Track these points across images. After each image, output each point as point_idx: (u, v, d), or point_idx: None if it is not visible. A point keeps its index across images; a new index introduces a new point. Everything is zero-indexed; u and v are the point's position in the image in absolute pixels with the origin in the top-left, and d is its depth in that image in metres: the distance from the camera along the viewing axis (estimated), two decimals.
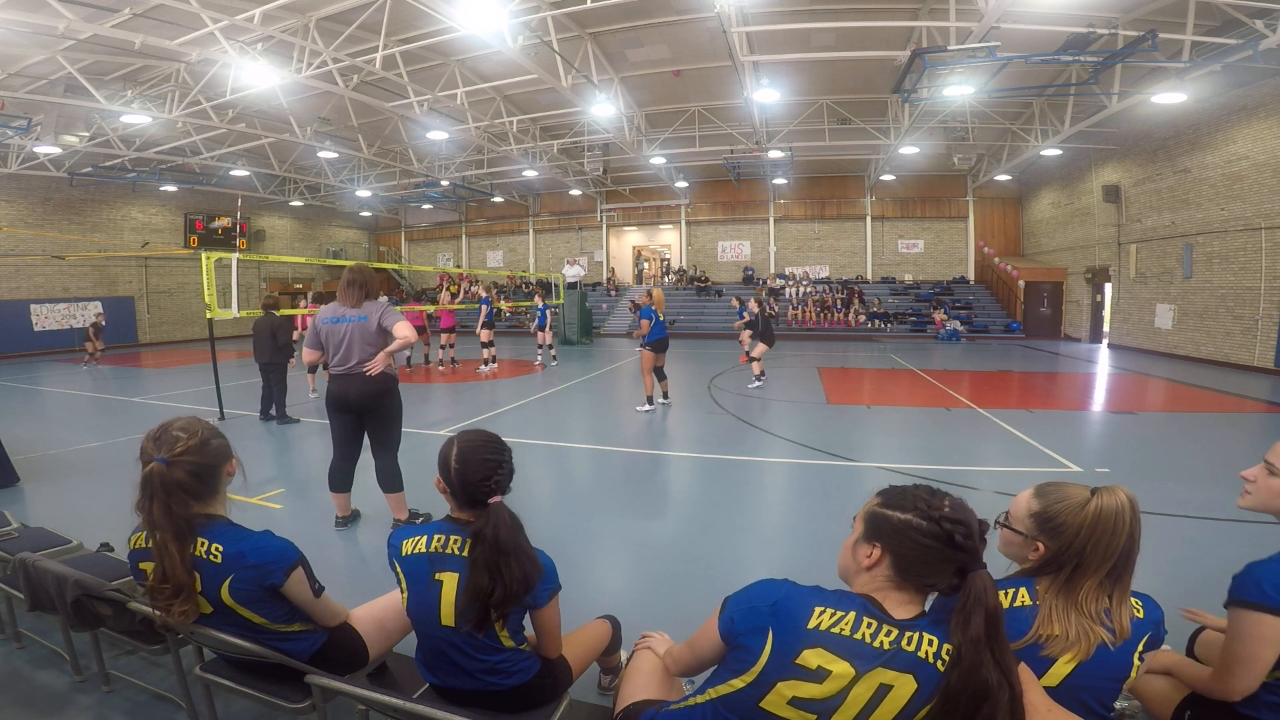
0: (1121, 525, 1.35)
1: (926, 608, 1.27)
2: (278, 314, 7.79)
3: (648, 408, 7.99)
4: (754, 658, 1.21)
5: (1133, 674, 1.36)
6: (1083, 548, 1.36)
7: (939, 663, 1.16)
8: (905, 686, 1.16)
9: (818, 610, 1.21)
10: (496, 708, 1.77)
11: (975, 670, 1.13)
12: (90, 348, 14.58)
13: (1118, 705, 1.39)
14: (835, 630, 1.18)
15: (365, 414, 3.92)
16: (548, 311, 13.06)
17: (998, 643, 1.16)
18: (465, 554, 1.68)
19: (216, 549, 1.71)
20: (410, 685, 1.95)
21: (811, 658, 1.16)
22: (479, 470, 1.71)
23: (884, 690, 1.15)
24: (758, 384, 9.81)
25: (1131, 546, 1.36)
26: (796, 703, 1.17)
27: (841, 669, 1.15)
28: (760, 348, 9.92)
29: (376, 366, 3.72)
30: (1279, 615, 1.36)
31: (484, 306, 12.46)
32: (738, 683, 1.23)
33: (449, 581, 1.68)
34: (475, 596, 1.64)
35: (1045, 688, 1.32)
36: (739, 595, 1.31)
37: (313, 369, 9.76)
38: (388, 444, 3.99)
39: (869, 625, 1.18)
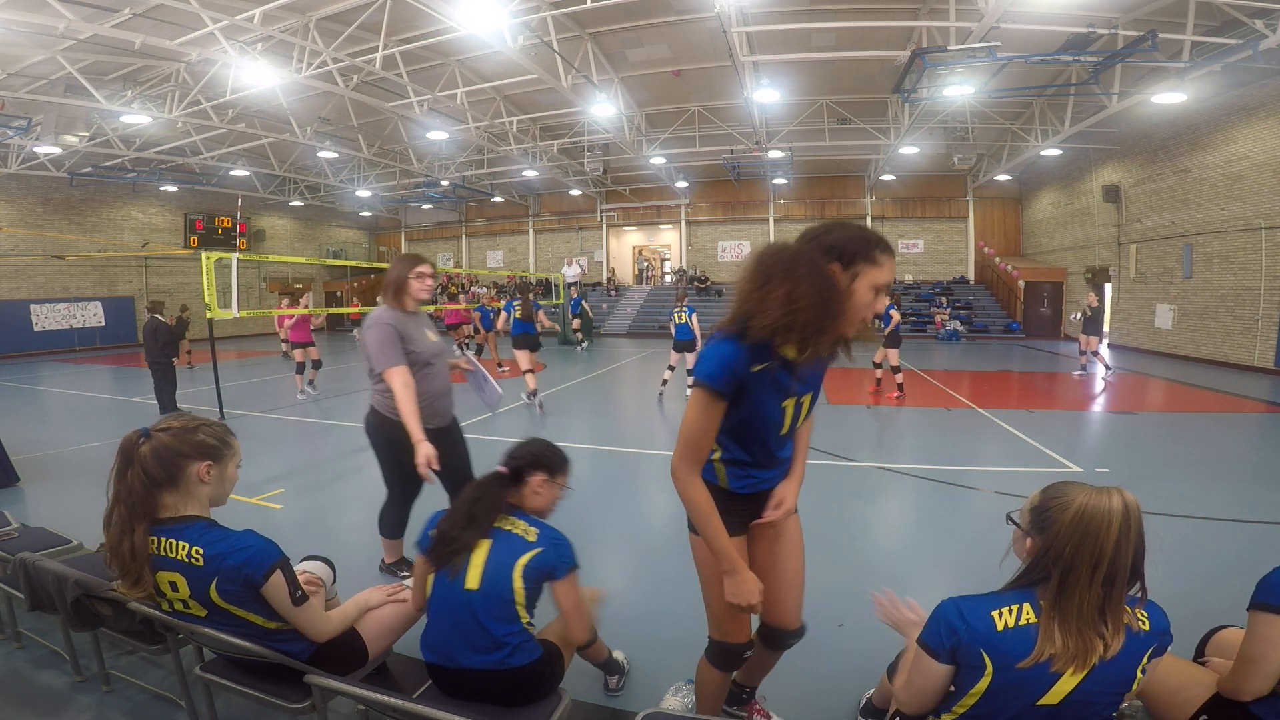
0: (1105, 528, 1.27)
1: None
2: (160, 318, 8.18)
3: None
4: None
5: (1134, 687, 1.31)
6: (1064, 549, 1.29)
7: None
8: None
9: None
10: (497, 694, 1.78)
11: None
12: None
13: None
14: None
15: None
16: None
17: None
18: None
19: (198, 552, 1.68)
20: (410, 685, 1.95)
21: None
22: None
23: None
24: None
25: (1120, 553, 1.27)
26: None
27: None
28: None
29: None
30: None
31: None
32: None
33: (482, 548, 1.82)
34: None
35: (1046, 705, 1.28)
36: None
37: (299, 369, 9.34)
38: (385, 483, 3.33)
39: None
